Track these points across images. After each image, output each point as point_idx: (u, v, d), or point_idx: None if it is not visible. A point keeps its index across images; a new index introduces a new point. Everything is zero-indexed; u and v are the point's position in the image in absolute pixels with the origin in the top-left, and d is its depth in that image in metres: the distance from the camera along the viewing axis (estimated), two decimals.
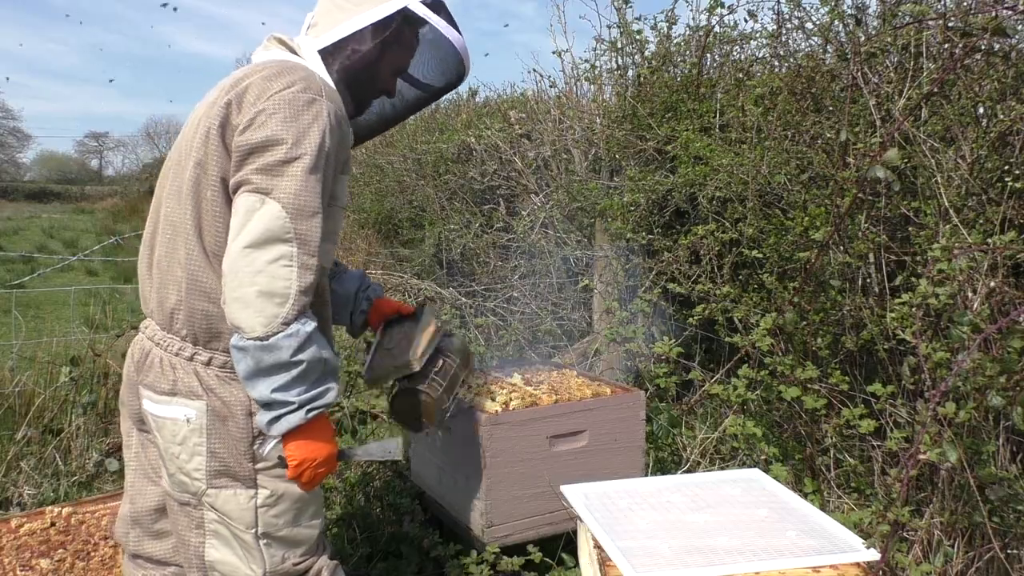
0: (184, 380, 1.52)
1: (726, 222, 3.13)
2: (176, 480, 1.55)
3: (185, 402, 1.51)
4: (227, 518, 1.54)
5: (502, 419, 2.25)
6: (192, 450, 1.51)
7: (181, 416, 1.51)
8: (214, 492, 1.53)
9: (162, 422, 1.54)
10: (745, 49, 3.77)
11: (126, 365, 1.67)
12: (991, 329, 1.71)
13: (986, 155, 2.29)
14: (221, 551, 1.56)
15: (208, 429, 1.51)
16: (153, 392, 1.55)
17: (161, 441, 1.55)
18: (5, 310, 4.87)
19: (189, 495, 1.54)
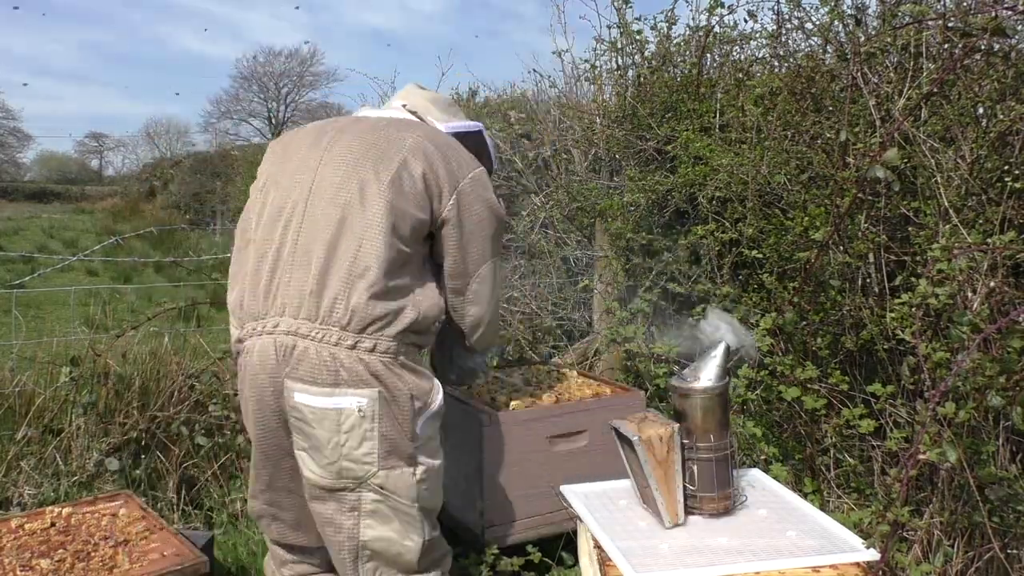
0: (351, 370, 1.64)
1: (726, 222, 3.13)
2: (336, 468, 1.66)
3: (354, 391, 1.64)
4: (395, 495, 1.68)
5: (502, 419, 2.25)
6: (362, 436, 1.64)
7: (350, 405, 1.64)
8: (384, 473, 1.67)
9: (324, 413, 1.64)
10: (745, 49, 3.77)
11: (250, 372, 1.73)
12: (991, 329, 1.71)
13: (986, 155, 2.29)
14: (377, 529, 1.69)
15: (379, 415, 1.65)
16: (311, 385, 1.65)
17: (320, 432, 1.65)
18: (5, 310, 4.87)
19: (349, 480, 1.67)
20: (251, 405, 1.76)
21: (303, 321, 1.67)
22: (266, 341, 1.69)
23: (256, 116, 43.77)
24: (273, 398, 1.71)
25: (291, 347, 1.67)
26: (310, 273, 1.68)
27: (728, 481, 1.72)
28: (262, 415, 1.75)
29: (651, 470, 1.66)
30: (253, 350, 1.71)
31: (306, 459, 1.70)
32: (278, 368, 1.68)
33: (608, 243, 3.73)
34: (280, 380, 1.69)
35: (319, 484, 1.69)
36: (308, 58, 43.61)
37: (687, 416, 1.72)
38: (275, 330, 1.69)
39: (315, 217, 1.72)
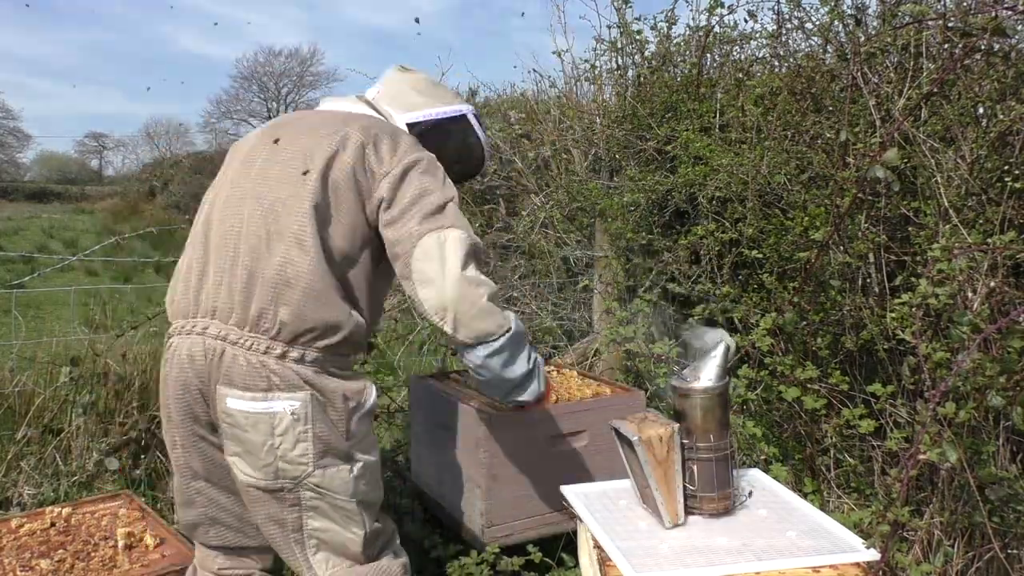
0: (282, 376, 1.63)
1: (726, 222, 3.13)
2: (272, 469, 1.65)
3: (287, 395, 1.63)
4: (332, 492, 1.69)
5: (502, 419, 2.25)
6: (296, 438, 1.64)
7: (283, 409, 1.63)
8: (319, 472, 1.67)
9: (258, 417, 1.63)
10: (745, 49, 3.77)
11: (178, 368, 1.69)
12: (991, 329, 1.71)
13: (986, 155, 2.29)
14: (320, 520, 1.70)
15: (312, 417, 1.65)
16: (244, 391, 1.63)
17: (254, 436, 1.64)
18: (5, 310, 4.87)
19: (286, 480, 1.66)
20: (175, 405, 1.72)
21: (232, 327, 1.65)
22: (195, 341, 1.67)
23: (256, 116, 43.83)
24: (199, 400, 1.69)
25: (220, 352, 1.64)
26: (236, 278, 1.66)
27: (728, 481, 1.72)
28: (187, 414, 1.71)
29: (651, 470, 1.65)
30: (181, 349, 1.68)
31: (239, 463, 1.68)
32: (207, 371, 1.66)
33: (608, 243, 3.73)
34: (209, 383, 1.67)
35: (256, 485, 1.68)
36: (308, 58, 43.66)
37: (687, 416, 1.72)
38: (204, 332, 1.66)
39: (243, 219, 1.69)
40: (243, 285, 1.65)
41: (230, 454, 1.69)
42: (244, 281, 1.65)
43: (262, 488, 1.67)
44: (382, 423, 3.34)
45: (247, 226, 1.68)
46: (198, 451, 1.75)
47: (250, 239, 1.66)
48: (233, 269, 1.67)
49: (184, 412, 1.71)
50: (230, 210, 1.72)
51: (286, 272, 1.63)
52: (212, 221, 1.74)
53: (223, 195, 1.76)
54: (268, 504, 1.69)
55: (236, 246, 1.68)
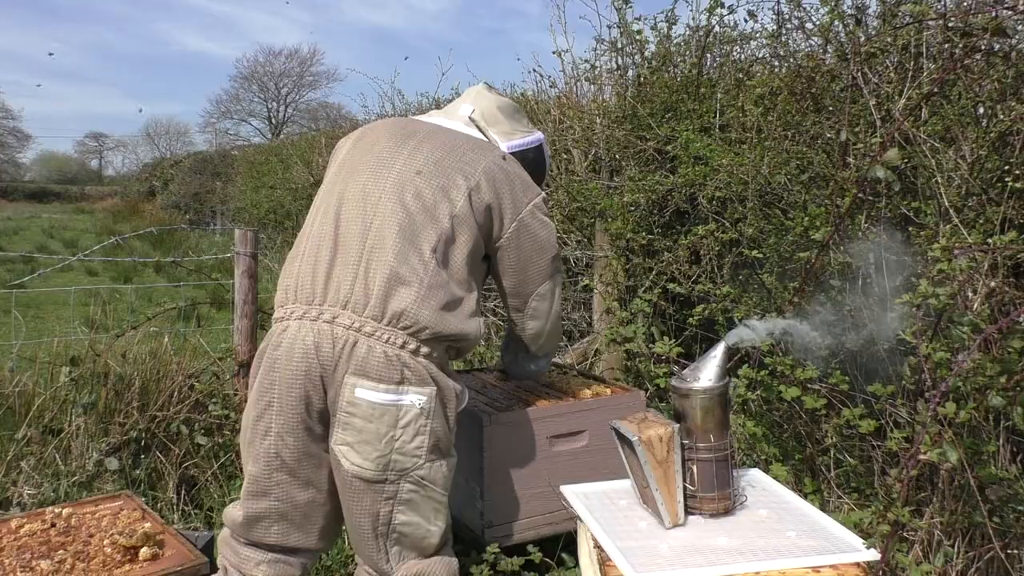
0: (414, 371, 1.74)
1: (726, 222, 3.13)
2: (385, 460, 1.73)
3: (417, 390, 1.74)
4: (433, 485, 1.80)
5: (502, 419, 2.25)
6: (416, 430, 1.74)
7: (411, 402, 1.73)
8: (428, 465, 1.78)
9: (384, 408, 1.72)
10: (745, 49, 3.77)
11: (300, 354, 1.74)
12: (991, 329, 1.71)
13: (986, 155, 2.28)
14: (409, 515, 1.79)
15: (433, 412, 1.76)
16: (378, 382, 1.71)
17: (376, 426, 1.72)
18: (5, 310, 4.87)
19: (394, 472, 1.75)
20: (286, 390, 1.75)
21: (367, 320, 1.73)
22: (322, 329, 1.74)
23: (256, 116, 43.87)
24: (317, 387, 1.74)
25: (352, 343, 1.72)
26: (379, 275, 1.74)
27: (728, 481, 1.72)
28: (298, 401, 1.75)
29: (651, 470, 1.65)
30: (303, 335, 1.74)
31: (349, 453, 1.74)
32: (334, 360, 1.72)
33: (608, 243, 3.73)
34: (333, 373, 1.73)
35: (361, 476, 1.75)
36: (308, 58, 43.66)
37: (687, 416, 1.72)
38: (333, 321, 1.74)
39: (389, 220, 1.78)
40: (383, 282, 1.74)
41: (340, 443, 1.75)
42: (386, 279, 1.74)
43: (367, 479, 1.75)
44: None
45: (388, 229, 1.77)
46: (296, 440, 1.77)
47: (391, 242, 1.76)
48: (372, 265, 1.75)
49: (296, 398, 1.75)
50: (368, 209, 1.80)
51: (426, 281, 1.75)
52: (343, 217, 1.82)
53: (355, 191, 1.84)
54: (365, 496, 1.76)
55: (375, 246, 1.77)
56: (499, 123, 2.09)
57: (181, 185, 20.48)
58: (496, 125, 2.08)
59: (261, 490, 1.81)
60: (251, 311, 3.24)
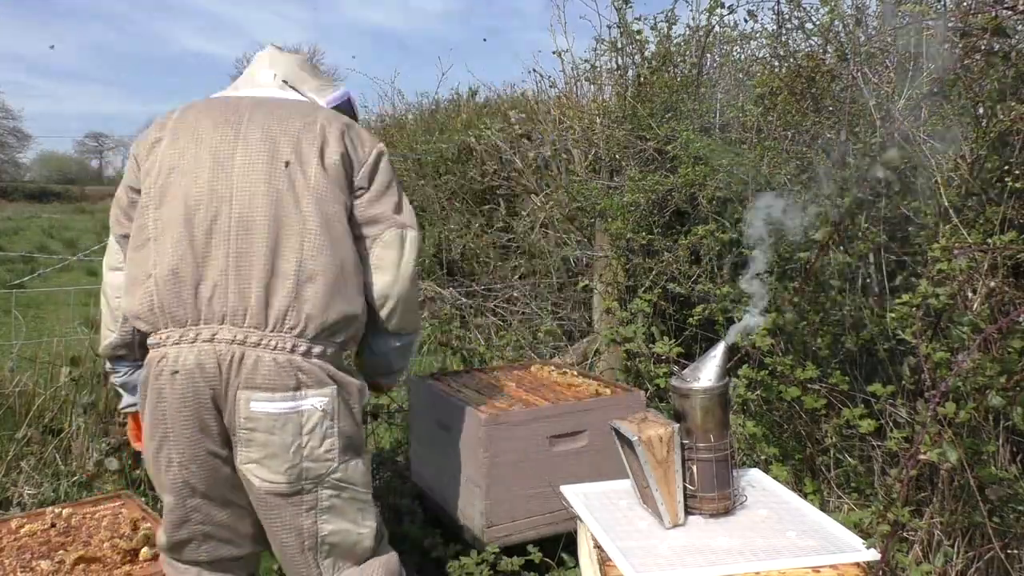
0: (309, 373, 1.65)
1: (726, 222, 3.13)
2: (296, 471, 1.66)
3: (315, 392, 1.66)
4: (353, 486, 1.73)
5: (502, 419, 2.25)
6: (323, 434, 1.67)
7: (312, 406, 1.65)
8: (343, 466, 1.71)
9: (287, 417, 1.64)
10: (745, 49, 3.77)
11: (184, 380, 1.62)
12: (991, 329, 1.71)
13: (986, 155, 2.28)
14: (334, 522, 1.72)
15: (338, 412, 1.69)
16: (272, 392, 1.62)
17: (280, 437, 1.64)
18: (5, 310, 4.86)
19: (308, 481, 1.67)
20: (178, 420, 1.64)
21: (250, 330, 1.62)
22: (203, 349, 1.61)
23: None
24: (210, 409, 1.64)
25: (239, 357, 1.61)
26: (253, 279, 1.63)
27: (728, 481, 1.72)
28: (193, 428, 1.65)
29: (651, 470, 1.66)
30: (184, 359, 1.62)
31: (257, 471, 1.65)
32: (222, 379, 1.62)
33: (608, 243, 3.73)
34: (224, 391, 1.62)
35: (275, 491, 1.66)
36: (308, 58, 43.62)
37: (687, 416, 1.72)
38: (213, 339, 1.62)
39: (247, 216, 1.65)
40: (258, 285, 1.62)
41: (246, 462, 1.66)
42: (260, 281, 1.62)
43: (282, 493, 1.67)
44: (382, 423, 3.34)
45: (249, 224, 1.64)
46: (202, 466, 1.68)
47: (257, 237, 1.64)
48: (241, 270, 1.63)
49: (191, 426, 1.64)
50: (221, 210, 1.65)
51: (305, 268, 1.64)
52: (195, 223, 1.65)
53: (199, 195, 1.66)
54: (284, 510, 1.68)
55: (240, 247, 1.63)
56: (307, 81, 1.94)
57: None
58: (305, 83, 1.93)
59: (179, 519, 1.72)
60: None
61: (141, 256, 1.69)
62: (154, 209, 1.69)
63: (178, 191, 1.68)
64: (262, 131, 1.71)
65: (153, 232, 1.68)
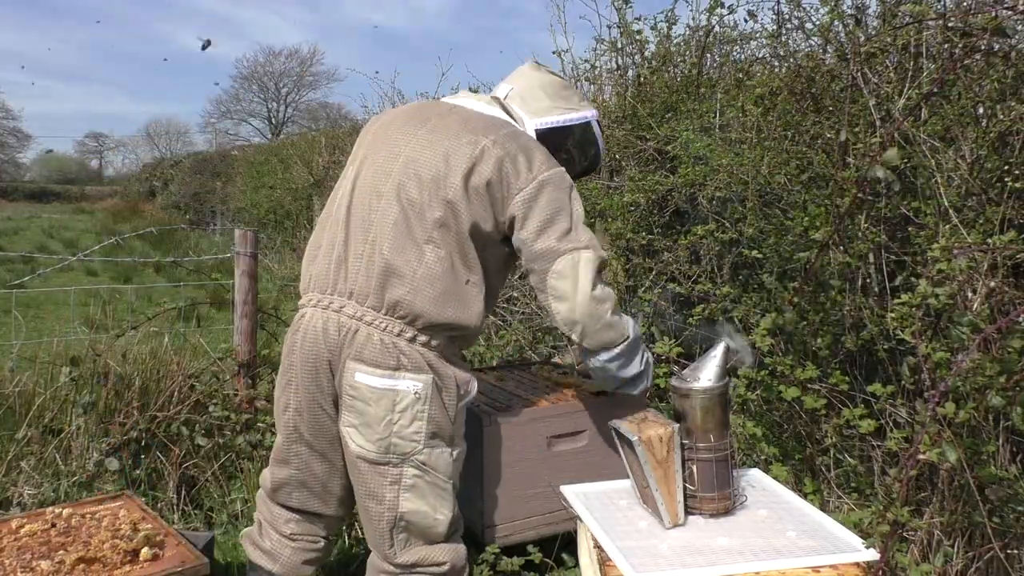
0: (410, 357, 1.79)
1: (726, 222, 3.13)
2: (385, 443, 1.79)
3: (413, 376, 1.79)
4: (435, 471, 1.84)
5: (502, 419, 2.25)
6: (414, 416, 1.79)
7: (408, 388, 1.78)
8: (428, 451, 1.82)
9: (382, 393, 1.78)
10: (745, 49, 3.77)
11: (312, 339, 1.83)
12: (991, 329, 1.71)
13: (986, 155, 2.28)
14: (415, 502, 1.83)
15: (431, 399, 1.80)
16: (374, 367, 1.78)
17: (375, 409, 1.78)
18: (5, 310, 4.87)
19: (395, 455, 1.80)
20: (301, 371, 1.86)
21: (368, 310, 1.80)
22: (331, 317, 1.82)
23: (256, 116, 43.86)
24: (326, 370, 1.84)
25: (354, 330, 1.80)
26: (375, 267, 1.80)
27: (728, 481, 1.72)
28: (311, 381, 1.85)
29: (651, 470, 1.66)
30: (315, 321, 1.84)
31: (354, 434, 1.82)
32: (339, 345, 1.81)
33: (608, 243, 3.73)
34: (339, 358, 1.81)
35: (365, 457, 1.81)
36: (308, 58, 43.65)
37: (687, 416, 1.72)
38: (341, 311, 1.82)
39: (383, 212, 1.82)
40: (380, 274, 1.79)
41: (347, 425, 1.83)
42: (382, 271, 1.79)
43: (371, 460, 1.81)
44: None
45: (386, 220, 1.81)
46: (311, 417, 1.88)
47: (388, 233, 1.80)
48: (372, 257, 1.81)
49: (309, 379, 1.85)
50: (372, 200, 1.85)
51: (419, 272, 1.79)
52: (354, 205, 1.87)
53: (366, 180, 1.88)
54: (371, 477, 1.82)
55: (375, 238, 1.81)
56: (535, 101, 2.00)
57: (181, 185, 20.47)
58: (531, 103, 2.00)
59: (283, 458, 1.95)
60: (251, 311, 3.24)
61: (321, 224, 1.97)
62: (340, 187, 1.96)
63: (355, 177, 1.91)
64: (431, 138, 1.86)
65: (331, 207, 1.96)
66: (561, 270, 1.84)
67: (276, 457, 1.98)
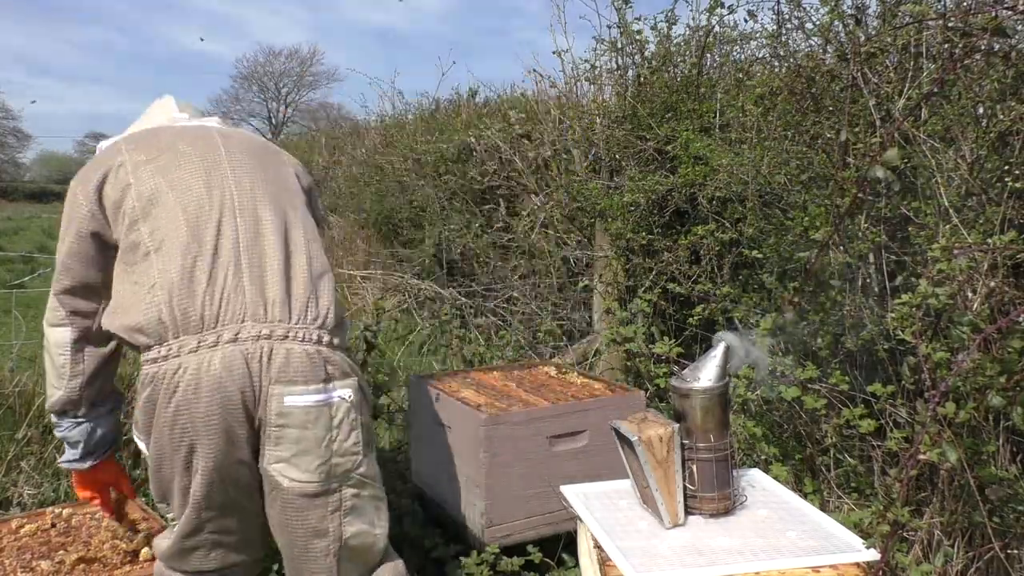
0: (336, 364, 1.66)
1: (726, 222, 3.13)
2: (327, 467, 1.63)
3: (342, 384, 1.66)
4: (372, 481, 1.71)
5: (502, 419, 2.25)
6: (350, 426, 1.66)
7: (341, 397, 1.65)
8: (366, 460, 1.69)
9: (319, 410, 1.62)
10: (745, 49, 3.77)
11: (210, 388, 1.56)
12: (991, 329, 1.71)
13: (986, 155, 2.28)
14: (356, 524, 1.69)
15: (359, 403, 1.69)
16: (304, 386, 1.61)
17: (314, 431, 1.61)
18: (5, 310, 4.86)
19: (335, 479, 1.64)
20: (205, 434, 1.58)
21: (275, 323, 1.60)
22: (227, 352, 1.56)
23: (256, 116, 43.87)
24: (239, 416, 1.58)
25: (267, 352, 1.58)
26: (268, 276, 1.64)
27: (728, 481, 1.72)
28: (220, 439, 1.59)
29: (651, 470, 1.66)
30: (210, 364, 1.56)
31: (287, 470, 1.61)
32: (252, 377, 1.57)
33: (608, 243, 3.73)
34: (256, 389, 1.58)
35: (305, 492, 1.62)
36: (308, 58, 43.67)
37: (687, 416, 1.72)
38: (236, 338, 1.57)
39: (255, 219, 1.69)
40: (277, 279, 1.65)
41: (274, 461, 1.61)
42: (277, 274, 1.65)
43: (311, 493, 1.62)
44: (382, 423, 3.34)
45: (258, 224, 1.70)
46: (226, 477, 1.62)
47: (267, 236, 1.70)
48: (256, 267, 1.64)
49: (219, 437, 1.58)
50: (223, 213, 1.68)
51: (314, 264, 1.72)
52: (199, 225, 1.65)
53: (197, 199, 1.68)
54: (311, 512, 1.64)
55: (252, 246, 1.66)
56: None
57: None
58: None
59: (192, 529, 1.66)
60: None
61: (140, 270, 1.64)
62: (145, 224, 1.66)
63: (170, 202, 1.67)
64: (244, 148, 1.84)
65: (152, 245, 1.65)
66: None
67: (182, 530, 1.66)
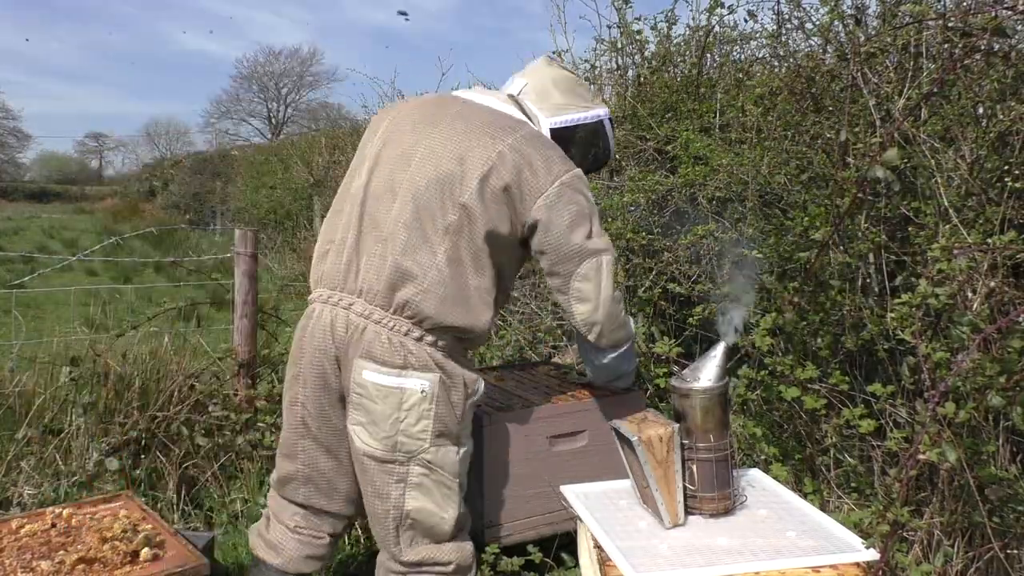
0: (417, 356, 1.80)
1: (726, 222, 3.13)
2: (392, 441, 1.80)
3: (419, 375, 1.80)
4: (441, 470, 1.84)
5: (502, 419, 2.25)
6: (420, 414, 1.80)
7: (415, 386, 1.79)
8: (434, 449, 1.83)
9: (388, 391, 1.79)
10: (745, 49, 3.77)
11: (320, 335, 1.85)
12: (991, 329, 1.71)
13: (986, 155, 2.28)
14: (420, 500, 1.84)
15: (437, 397, 1.81)
16: (381, 365, 1.79)
17: (382, 407, 1.79)
18: (5, 310, 4.86)
19: (402, 453, 1.81)
20: (309, 367, 1.88)
21: (376, 308, 1.81)
22: (339, 314, 1.83)
23: (256, 116, 43.88)
24: (333, 366, 1.85)
25: (362, 328, 1.81)
26: (386, 267, 1.80)
27: (728, 481, 1.72)
28: (318, 376, 1.87)
29: (651, 470, 1.66)
30: (324, 317, 1.85)
31: (360, 432, 1.83)
32: (347, 342, 1.82)
33: None
34: (347, 355, 1.82)
35: (371, 455, 1.82)
36: (308, 58, 43.66)
37: (687, 416, 1.72)
38: (350, 308, 1.83)
39: (396, 212, 1.82)
40: (391, 274, 1.80)
41: (353, 423, 1.84)
42: (393, 271, 1.80)
43: (376, 458, 1.82)
44: None
45: (399, 221, 1.81)
46: (318, 412, 1.90)
47: (401, 234, 1.81)
48: (384, 257, 1.81)
49: (317, 375, 1.87)
50: (386, 199, 1.85)
51: (430, 276, 1.80)
52: (367, 204, 1.87)
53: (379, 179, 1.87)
54: (377, 475, 1.83)
55: (388, 238, 1.82)
56: (549, 98, 2.01)
57: (181, 185, 20.47)
58: (546, 100, 2.01)
59: (290, 453, 1.96)
60: (251, 311, 3.24)
61: (334, 222, 1.96)
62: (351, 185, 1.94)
63: (367, 176, 1.89)
64: (446, 139, 1.85)
65: (342, 204, 1.95)
66: (585, 273, 1.90)
67: (283, 452, 1.99)
